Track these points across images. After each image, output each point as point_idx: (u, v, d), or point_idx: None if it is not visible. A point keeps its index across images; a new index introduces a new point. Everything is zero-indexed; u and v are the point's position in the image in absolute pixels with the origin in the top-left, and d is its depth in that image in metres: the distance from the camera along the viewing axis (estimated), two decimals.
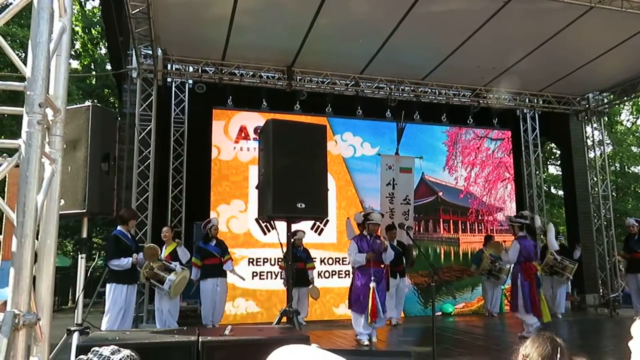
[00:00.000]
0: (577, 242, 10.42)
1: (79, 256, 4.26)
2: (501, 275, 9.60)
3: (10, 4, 1.94)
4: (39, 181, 1.78)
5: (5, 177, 1.88)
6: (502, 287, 10.29)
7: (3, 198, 1.88)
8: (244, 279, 8.27)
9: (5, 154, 1.88)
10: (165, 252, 7.11)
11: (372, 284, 6.52)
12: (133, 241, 6.43)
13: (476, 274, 10.21)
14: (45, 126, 1.85)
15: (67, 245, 22.06)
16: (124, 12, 7.44)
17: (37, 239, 1.96)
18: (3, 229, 2.61)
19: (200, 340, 3.09)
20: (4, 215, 2.05)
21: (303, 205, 4.52)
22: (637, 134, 23.17)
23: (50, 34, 1.90)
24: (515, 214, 11.30)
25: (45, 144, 1.94)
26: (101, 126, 3.98)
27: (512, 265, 7.73)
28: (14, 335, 1.62)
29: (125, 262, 5.94)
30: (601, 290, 11.09)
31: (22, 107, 1.81)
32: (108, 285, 6.00)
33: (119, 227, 6.22)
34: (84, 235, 4.25)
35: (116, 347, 1.54)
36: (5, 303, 1.72)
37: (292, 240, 7.64)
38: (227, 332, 3.36)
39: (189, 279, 7.05)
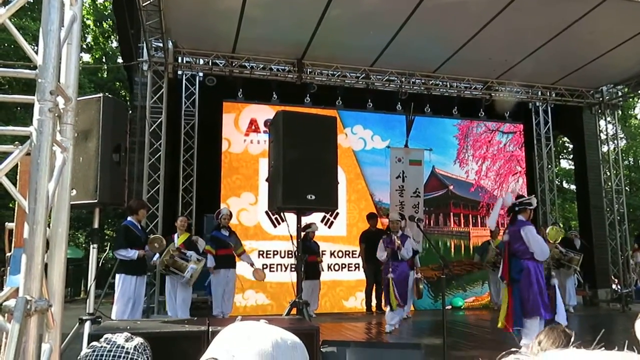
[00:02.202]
0: (577, 234, 10.30)
1: (91, 247, 4.29)
2: None
3: None
4: (50, 169, 1.79)
5: (17, 165, 1.89)
6: None
7: (15, 186, 1.88)
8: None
9: (17, 142, 1.89)
10: (178, 241, 7.16)
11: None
12: (143, 232, 6.46)
13: (485, 268, 10.09)
14: (56, 114, 1.85)
15: (80, 237, 22.29)
16: (134, 5, 7.46)
17: (49, 227, 1.97)
18: (15, 217, 2.63)
19: (210, 330, 3.10)
20: (17, 203, 2.06)
21: (313, 197, 4.51)
22: None
23: (61, 22, 1.91)
24: None
25: (56, 132, 1.95)
26: (112, 117, 3.99)
27: None
28: (26, 321, 1.63)
29: (132, 253, 5.96)
30: (615, 285, 10.99)
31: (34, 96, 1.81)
32: (117, 276, 6.04)
33: (129, 218, 6.25)
34: (96, 225, 4.27)
35: (129, 335, 1.54)
36: (17, 290, 1.73)
37: (306, 232, 7.64)
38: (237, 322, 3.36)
39: (206, 267, 7.20)
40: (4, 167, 1.73)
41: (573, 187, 19.63)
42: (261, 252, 9.32)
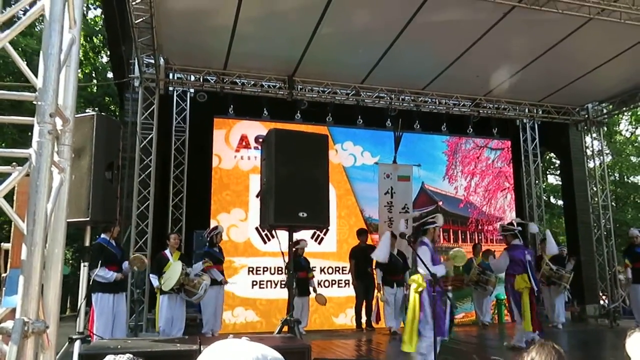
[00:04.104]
0: (572, 255, 10.28)
1: (82, 264, 4.27)
2: (487, 286, 9.56)
3: (21, 17, 1.98)
4: (48, 190, 1.81)
5: (14, 186, 1.90)
6: (501, 296, 10.26)
7: (12, 207, 1.90)
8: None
9: (14, 163, 1.91)
10: (172, 259, 7.08)
11: None
12: (118, 249, 6.35)
13: (468, 285, 10.04)
14: (54, 136, 1.87)
15: (67, 253, 22.01)
16: (126, 22, 7.50)
17: (45, 247, 1.97)
18: (11, 237, 2.63)
19: (201, 348, 3.10)
20: (13, 223, 2.07)
21: (305, 215, 4.54)
22: (636, 144, 23.22)
23: (61, 45, 1.93)
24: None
25: (54, 153, 1.97)
26: (105, 135, 4.01)
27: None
28: (23, 343, 1.63)
29: (109, 275, 5.90)
30: (604, 300, 11.06)
31: (25, 115, 1.83)
32: (93, 295, 5.95)
33: (102, 235, 6.16)
34: (87, 243, 4.26)
35: (132, 356, 1.54)
36: (14, 310, 1.73)
37: (295, 249, 7.63)
38: None
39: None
40: (2, 189, 1.75)
41: (560, 202, 19.84)
42: (251, 269, 9.29)
